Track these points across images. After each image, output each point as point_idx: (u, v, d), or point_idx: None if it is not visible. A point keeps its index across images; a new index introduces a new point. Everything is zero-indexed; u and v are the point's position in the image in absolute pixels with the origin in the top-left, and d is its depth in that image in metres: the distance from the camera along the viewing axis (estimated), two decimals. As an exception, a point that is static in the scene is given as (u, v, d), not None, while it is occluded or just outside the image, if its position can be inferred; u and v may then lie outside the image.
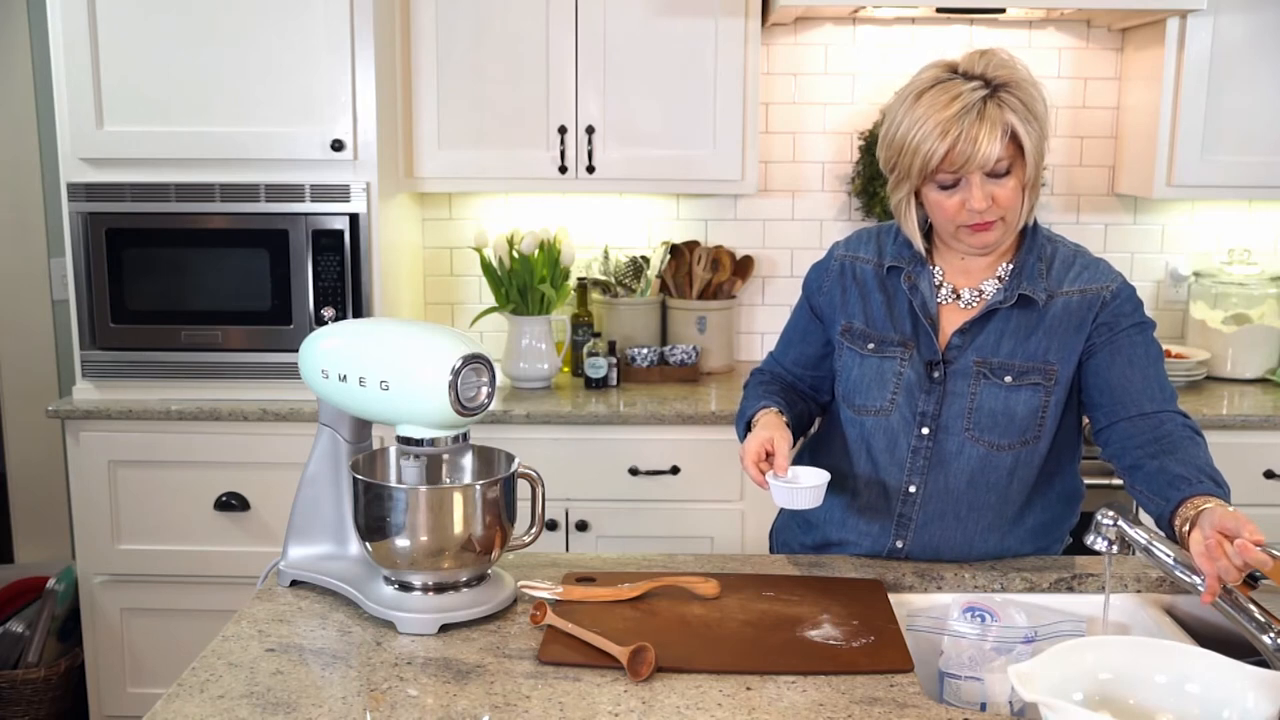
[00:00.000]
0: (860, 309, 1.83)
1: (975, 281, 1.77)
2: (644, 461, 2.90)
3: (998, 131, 1.60)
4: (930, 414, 1.76)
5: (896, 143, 1.67)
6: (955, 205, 1.66)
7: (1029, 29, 3.34)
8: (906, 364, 1.77)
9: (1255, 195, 3.26)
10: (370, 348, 1.58)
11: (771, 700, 1.36)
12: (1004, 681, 1.50)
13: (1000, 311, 1.74)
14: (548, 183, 3.10)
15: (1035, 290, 1.73)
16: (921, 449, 1.77)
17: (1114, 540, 1.56)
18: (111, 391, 2.92)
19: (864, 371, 1.81)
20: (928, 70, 1.68)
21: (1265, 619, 1.43)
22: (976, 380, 1.74)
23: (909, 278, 1.79)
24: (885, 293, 1.82)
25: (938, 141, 1.61)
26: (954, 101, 1.60)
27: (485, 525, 1.56)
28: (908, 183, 1.70)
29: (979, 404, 1.74)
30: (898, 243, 1.82)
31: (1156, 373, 1.71)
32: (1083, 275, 1.75)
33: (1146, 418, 1.67)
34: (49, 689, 3.12)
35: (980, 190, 1.63)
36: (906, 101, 1.66)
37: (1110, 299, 1.73)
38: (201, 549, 2.91)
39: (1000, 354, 1.74)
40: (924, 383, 1.76)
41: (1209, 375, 3.25)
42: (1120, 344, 1.71)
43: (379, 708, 1.33)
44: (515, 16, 3.02)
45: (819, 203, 3.44)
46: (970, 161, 1.61)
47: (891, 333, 1.79)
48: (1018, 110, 1.61)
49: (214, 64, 2.82)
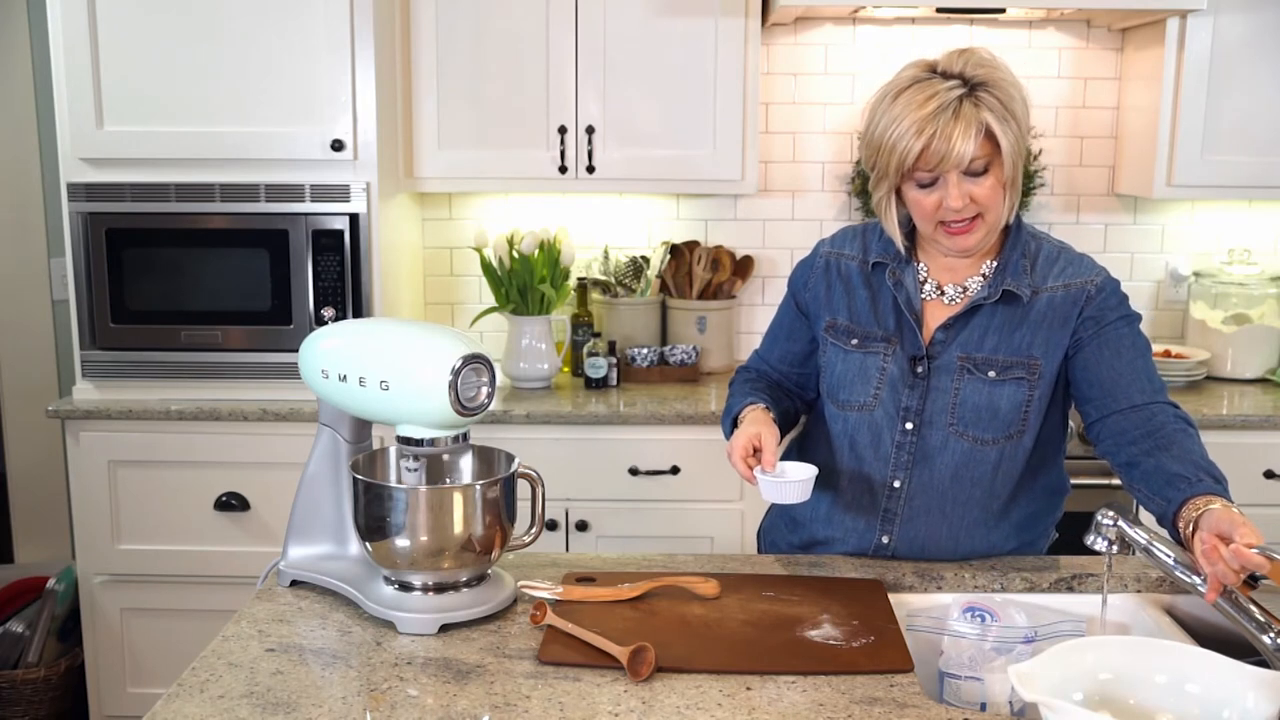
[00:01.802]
0: (844, 305, 1.84)
1: (960, 278, 1.78)
2: (644, 461, 2.90)
3: (972, 130, 1.61)
4: (914, 409, 1.77)
5: (875, 141, 1.69)
6: (933, 203, 1.68)
7: (1029, 29, 3.34)
8: (890, 359, 1.78)
9: (1255, 195, 3.26)
10: (370, 348, 1.58)
11: (771, 700, 1.36)
12: (1004, 681, 1.50)
13: (984, 307, 1.75)
14: (548, 183, 3.10)
15: (1020, 286, 1.73)
16: (906, 444, 1.78)
17: (1114, 540, 1.56)
18: (111, 391, 2.92)
19: (847, 367, 1.82)
20: (907, 69, 1.70)
21: (1265, 619, 1.43)
22: (960, 375, 1.75)
23: (893, 274, 1.80)
24: (870, 289, 1.83)
25: (913, 140, 1.62)
26: (930, 100, 1.62)
27: (485, 525, 1.56)
28: (887, 181, 1.71)
29: (962, 399, 1.74)
30: (882, 239, 1.83)
31: (1145, 364, 1.72)
32: (1066, 270, 1.76)
33: (1137, 410, 1.67)
34: (49, 689, 3.12)
35: (958, 189, 1.65)
36: (885, 100, 1.68)
37: (1095, 293, 1.74)
38: (201, 549, 2.91)
39: (984, 349, 1.75)
40: (908, 378, 1.77)
41: (1209, 375, 3.25)
42: (1108, 337, 1.72)
43: (379, 708, 1.33)
44: (515, 16, 3.02)
45: (819, 203, 3.44)
46: (945, 160, 1.62)
47: (875, 328, 1.80)
48: (994, 109, 1.62)
49: (214, 64, 2.82)
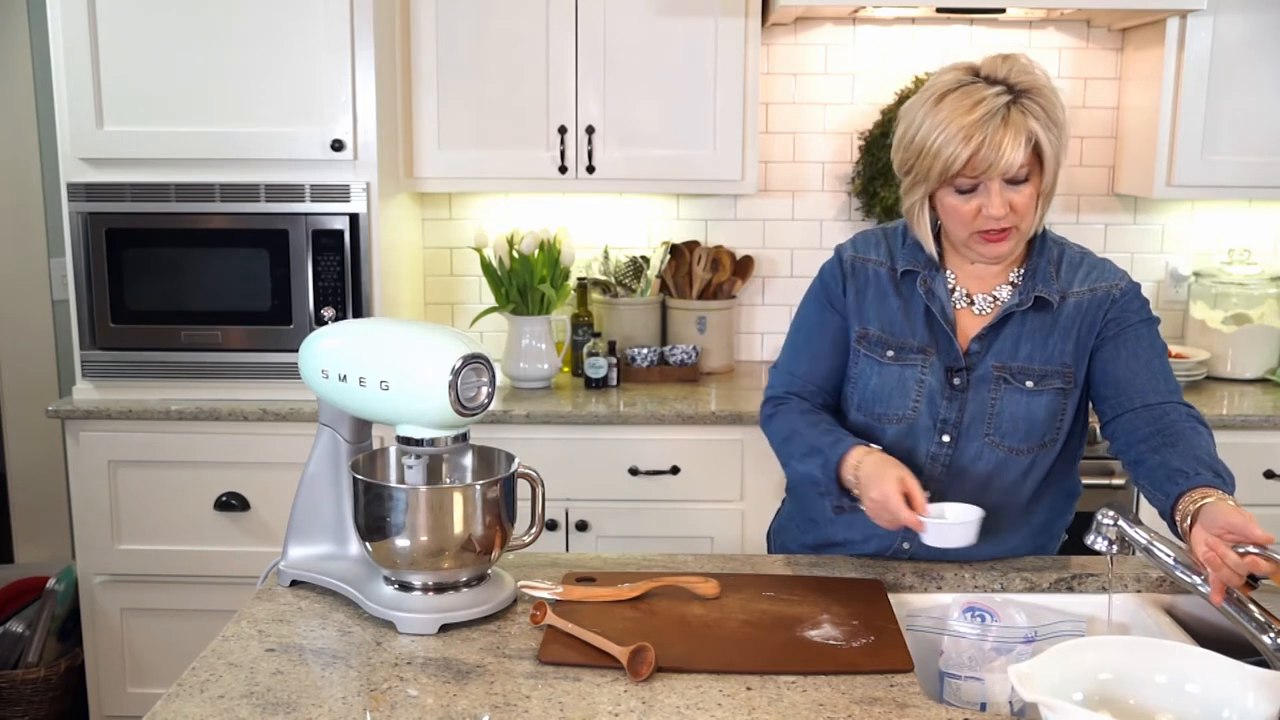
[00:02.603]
0: (875, 313, 1.80)
1: (988, 287, 1.76)
2: (644, 461, 2.89)
3: (1021, 138, 1.58)
4: (952, 421, 1.74)
5: (916, 145, 1.65)
6: (971, 210, 1.65)
7: (1029, 29, 3.33)
8: (927, 371, 1.75)
9: (1255, 195, 3.26)
10: (370, 348, 1.58)
11: (771, 700, 1.36)
12: (1004, 681, 1.50)
13: (1015, 315, 1.74)
14: (548, 183, 3.10)
15: (1049, 292, 1.72)
16: (940, 455, 1.76)
17: (1114, 540, 1.56)
18: (111, 391, 2.92)
19: (884, 380, 1.78)
20: (948, 73, 1.66)
21: (1265, 619, 1.43)
22: (997, 386, 1.73)
23: (924, 282, 1.76)
24: (901, 297, 1.79)
25: (961, 146, 1.59)
26: (977, 106, 1.58)
27: (485, 525, 1.56)
28: (924, 186, 1.67)
29: (1000, 409, 1.73)
30: (907, 246, 1.79)
31: (1161, 365, 1.72)
32: (1091, 275, 1.76)
33: (1150, 409, 1.67)
34: (49, 689, 3.12)
35: (999, 197, 1.62)
36: (927, 103, 1.64)
37: (1120, 296, 1.74)
38: (201, 549, 2.91)
39: (1019, 358, 1.73)
40: (945, 389, 1.74)
41: (1209, 375, 3.25)
42: (1127, 338, 1.72)
43: (379, 708, 1.33)
44: (515, 17, 3.02)
45: (819, 203, 3.44)
46: (993, 168, 1.59)
47: (910, 338, 1.77)
48: (1040, 118, 1.60)
49: (214, 64, 2.82)
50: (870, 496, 1.62)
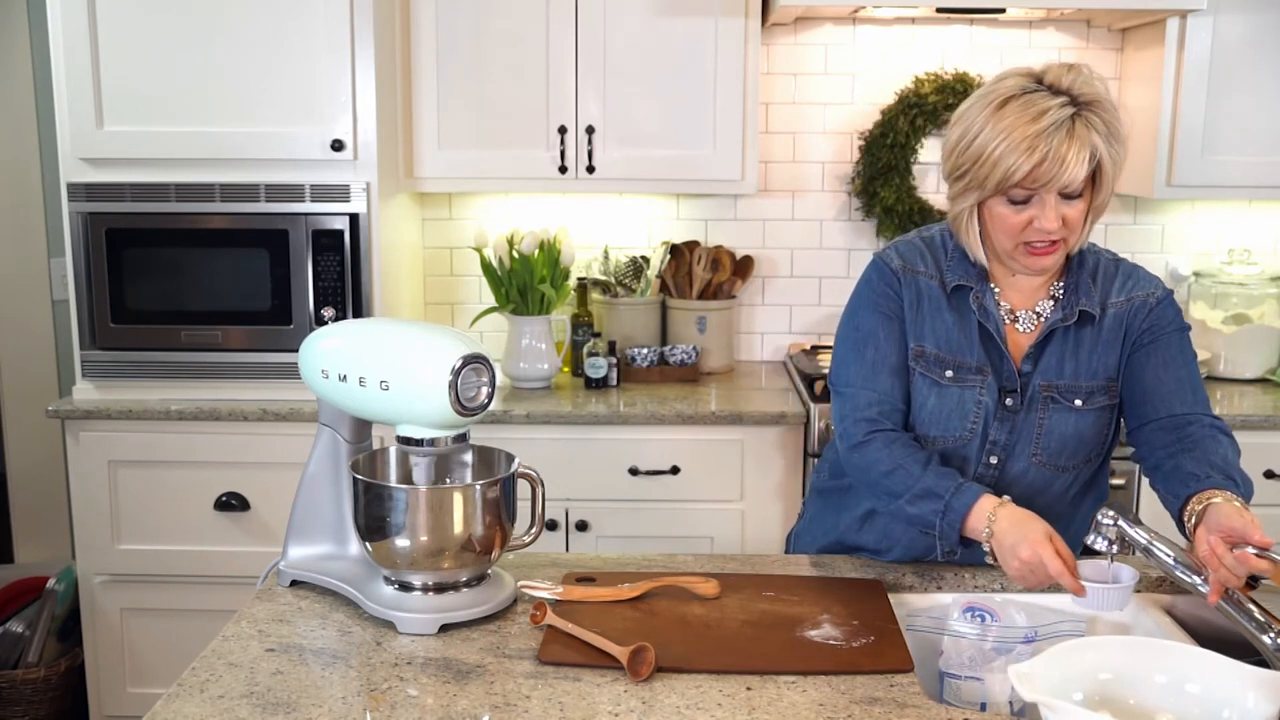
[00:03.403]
0: (930, 330, 1.72)
1: (1030, 302, 1.72)
2: (644, 461, 2.89)
3: (1085, 153, 1.54)
4: (1001, 443, 1.71)
5: (973, 151, 1.59)
6: (1022, 222, 1.60)
7: (1029, 29, 3.33)
8: (985, 392, 1.70)
9: (1255, 195, 3.26)
10: (370, 348, 1.58)
11: (771, 700, 1.35)
12: (1004, 681, 1.50)
13: (1058, 331, 1.70)
14: (548, 183, 3.10)
15: (1091, 305, 1.69)
16: (987, 476, 1.72)
17: (1114, 540, 1.56)
18: (111, 391, 2.92)
19: (943, 402, 1.71)
20: (1010, 78, 1.60)
21: (1265, 619, 1.43)
22: (1046, 405, 1.70)
23: (977, 298, 1.70)
24: (955, 312, 1.72)
25: (1024, 156, 1.53)
26: (1042, 116, 1.53)
27: (485, 525, 1.56)
28: (977, 193, 1.62)
29: (1048, 429, 1.70)
30: (953, 258, 1.73)
31: (1190, 375, 1.70)
32: (1127, 284, 1.73)
33: (1175, 419, 1.67)
34: (49, 689, 3.12)
35: (1054, 210, 1.58)
36: (987, 108, 1.58)
37: (1155, 304, 1.72)
38: (201, 549, 2.91)
39: (1065, 375, 1.70)
40: (999, 410, 1.70)
41: (1209, 375, 3.25)
42: (1158, 346, 1.70)
43: (379, 708, 1.33)
44: (515, 17, 3.02)
45: (819, 203, 3.44)
46: (1054, 181, 1.55)
47: (968, 358, 1.71)
48: (1102, 132, 1.56)
49: (214, 64, 2.82)
50: (1020, 557, 1.51)
